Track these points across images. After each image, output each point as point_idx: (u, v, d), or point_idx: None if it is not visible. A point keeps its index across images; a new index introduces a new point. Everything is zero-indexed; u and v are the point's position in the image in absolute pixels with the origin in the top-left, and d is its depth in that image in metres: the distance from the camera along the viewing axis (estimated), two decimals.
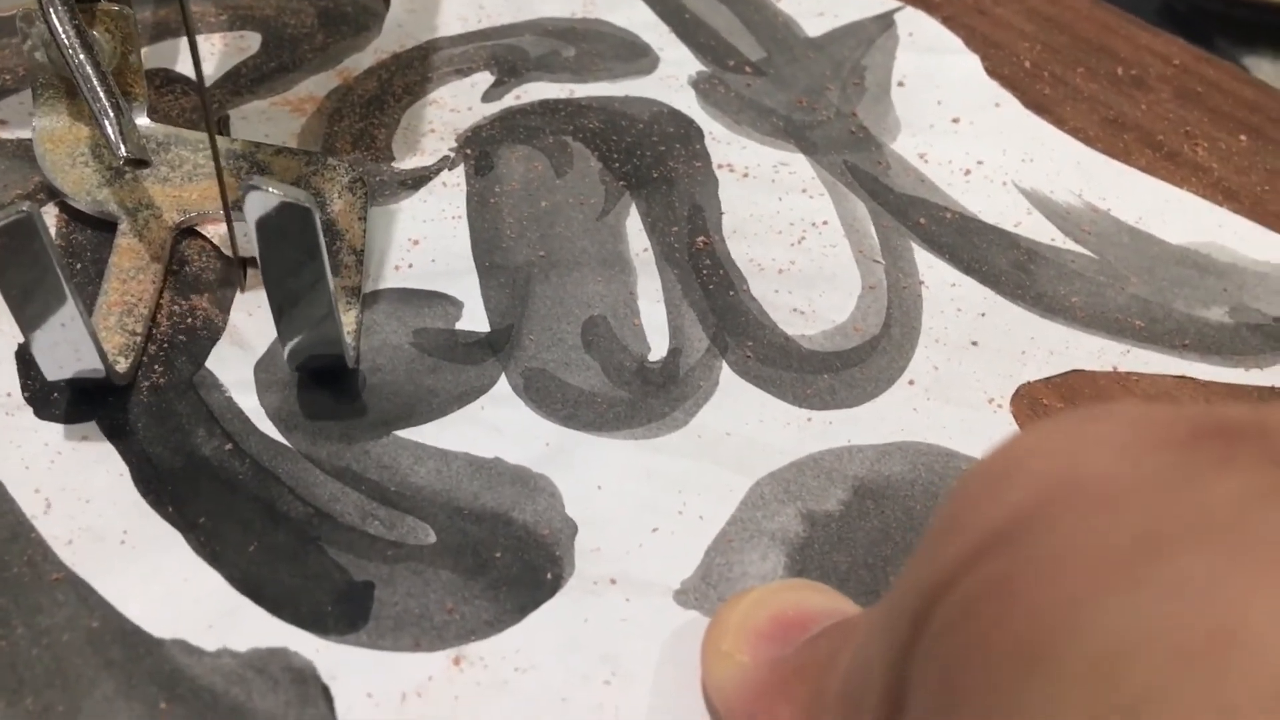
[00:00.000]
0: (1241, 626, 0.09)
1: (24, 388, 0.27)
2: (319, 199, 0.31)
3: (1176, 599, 0.10)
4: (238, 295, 0.29)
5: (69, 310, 0.23)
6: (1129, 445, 0.12)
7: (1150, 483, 0.11)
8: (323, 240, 0.23)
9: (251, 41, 0.39)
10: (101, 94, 0.28)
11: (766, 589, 0.21)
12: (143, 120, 0.32)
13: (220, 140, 0.32)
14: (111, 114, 0.28)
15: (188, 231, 0.31)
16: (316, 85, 0.37)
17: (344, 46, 0.39)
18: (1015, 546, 0.12)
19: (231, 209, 0.28)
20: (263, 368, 0.27)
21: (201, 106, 0.27)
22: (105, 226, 0.31)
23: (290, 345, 0.25)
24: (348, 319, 0.28)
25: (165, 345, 0.28)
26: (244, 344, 0.28)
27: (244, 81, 0.37)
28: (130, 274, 0.29)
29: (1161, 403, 0.25)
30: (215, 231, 0.31)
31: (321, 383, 0.27)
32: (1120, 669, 0.10)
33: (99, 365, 0.25)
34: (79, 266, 0.30)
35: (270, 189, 0.23)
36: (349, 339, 0.27)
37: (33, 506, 0.24)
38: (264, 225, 0.23)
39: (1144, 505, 0.11)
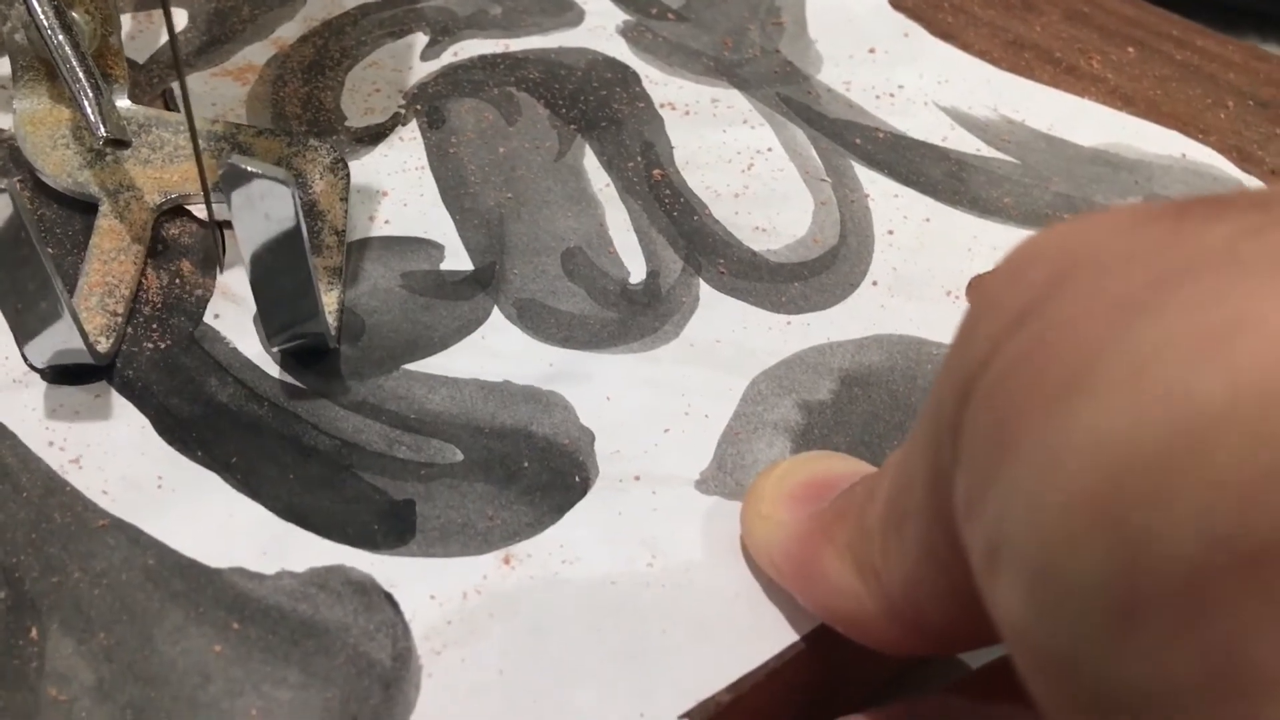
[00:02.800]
0: (1251, 314, 0.11)
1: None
2: (300, 180, 0.31)
3: (1191, 311, 0.12)
4: (221, 265, 0.30)
5: (51, 291, 0.23)
6: (1129, 223, 0.14)
7: (1152, 242, 0.13)
8: (302, 218, 0.24)
9: (178, 17, 0.39)
10: (81, 74, 0.28)
11: (795, 459, 0.23)
12: (124, 102, 0.32)
13: (201, 122, 0.32)
14: (91, 94, 0.28)
15: (169, 212, 0.31)
16: (254, 54, 0.38)
17: (273, 16, 0.40)
18: (1043, 309, 0.14)
19: (212, 191, 0.29)
20: None
21: (180, 88, 0.27)
22: (68, 202, 0.31)
23: (271, 325, 0.26)
24: (329, 299, 0.28)
25: (159, 308, 0.28)
26: (237, 299, 0.29)
27: (180, 55, 0.38)
28: (111, 255, 0.29)
29: None
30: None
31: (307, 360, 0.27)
32: (1152, 368, 0.12)
33: (81, 346, 0.25)
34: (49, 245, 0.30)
35: (249, 167, 0.23)
36: (331, 319, 0.27)
37: (61, 463, 0.25)
38: (243, 203, 0.23)
39: (1149, 257, 0.13)
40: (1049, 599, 0.12)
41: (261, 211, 0.23)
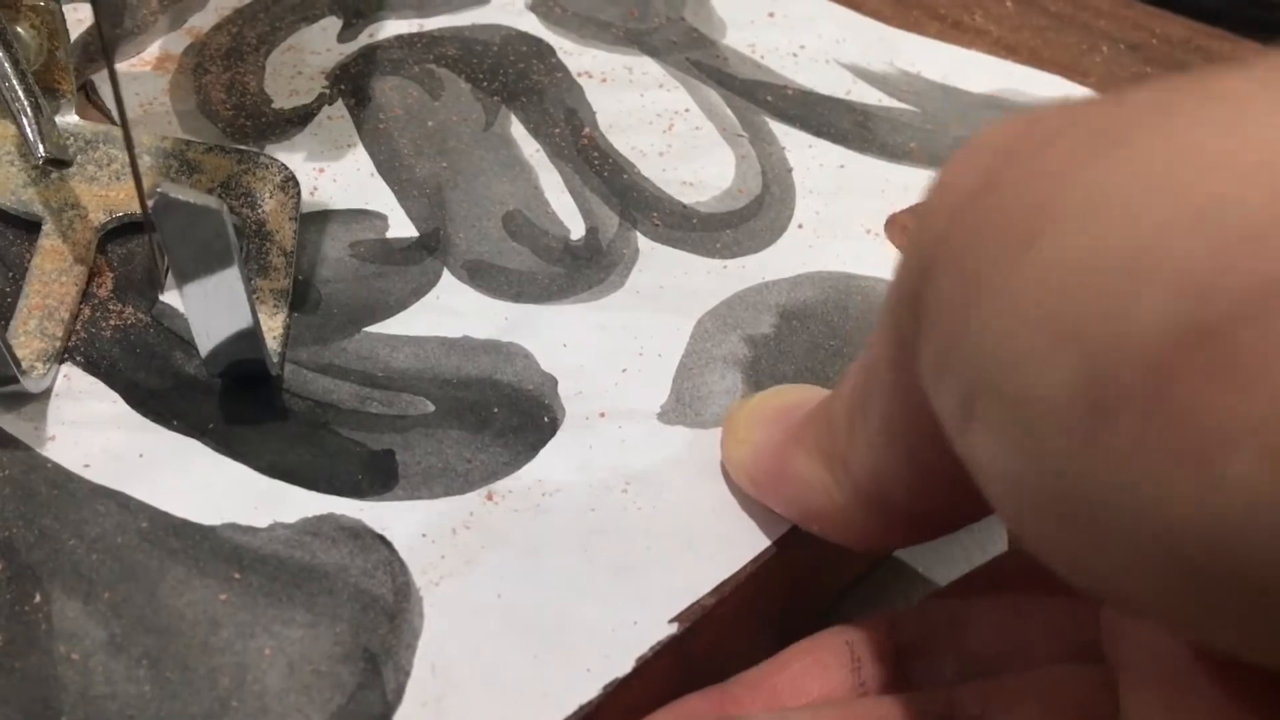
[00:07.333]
0: (1192, 146, 0.13)
1: None
2: (249, 198, 0.31)
3: (1136, 153, 0.13)
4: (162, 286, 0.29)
5: None
6: (1066, 106, 0.16)
7: (1087, 113, 0.15)
8: (236, 245, 0.23)
9: (84, 13, 0.39)
10: (20, 92, 0.28)
11: (767, 391, 0.25)
12: (71, 118, 0.32)
13: (149, 138, 0.32)
14: (30, 113, 0.28)
15: (113, 232, 0.30)
16: (170, 44, 0.38)
17: (182, 7, 0.40)
18: (997, 180, 0.15)
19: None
20: None
21: (117, 103, 0.26)
22: (11, 221, 0.30)
23: (208, 352, 0.25)
24: (274, 323, 0.27)
25: (112, 291, 0.29)
26: None
27: (95, 49, 0.38)
28: (52, 277, 0.28)
29: None
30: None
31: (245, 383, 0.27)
32: (1107, 200, 0.13)
33: (15, 374, 0.24)
34: None
35: (179, 196, 0.22)
36: (274, 344, 0.27)
37: (38, 441, 0.25)
38: (174, 231, 0.23)
39: (1088, 122, 0.15)
40: (1027, 424, 0.14)
41: (195, 243, 0.23)
